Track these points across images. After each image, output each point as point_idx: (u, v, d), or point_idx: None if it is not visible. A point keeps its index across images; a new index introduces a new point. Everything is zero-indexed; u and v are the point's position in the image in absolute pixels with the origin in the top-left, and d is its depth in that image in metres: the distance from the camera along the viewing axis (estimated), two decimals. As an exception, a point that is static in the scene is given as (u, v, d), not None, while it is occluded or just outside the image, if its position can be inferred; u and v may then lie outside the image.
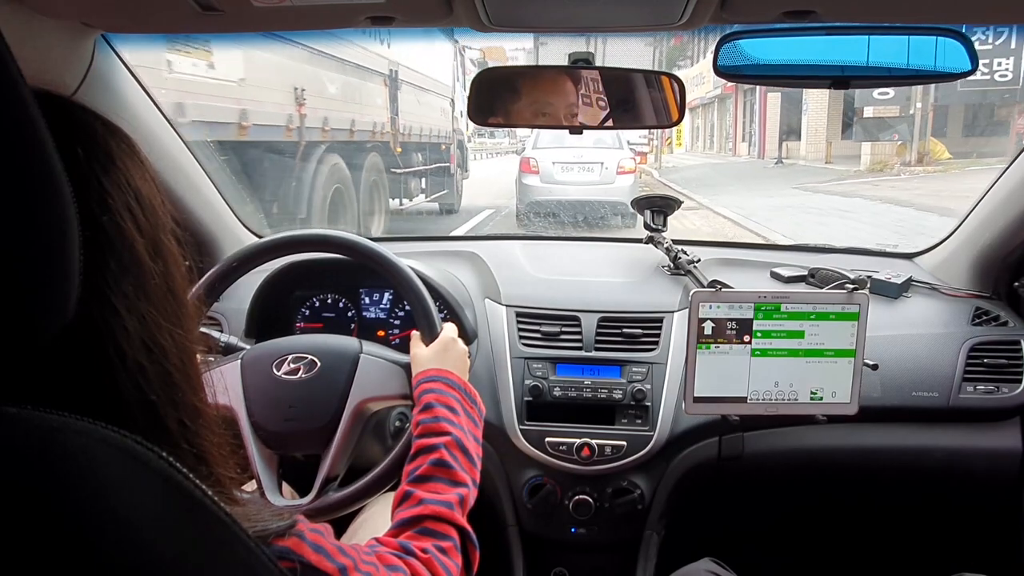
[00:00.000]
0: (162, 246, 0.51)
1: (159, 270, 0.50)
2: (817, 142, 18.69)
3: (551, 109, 1.15)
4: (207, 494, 0.43)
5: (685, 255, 1.58)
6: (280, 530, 0.52)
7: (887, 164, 14.95)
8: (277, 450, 1.07)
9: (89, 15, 1.04)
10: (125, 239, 0.47)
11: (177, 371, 0.50)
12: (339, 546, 0.58)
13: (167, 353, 0.49)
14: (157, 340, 0.48)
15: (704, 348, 1.20)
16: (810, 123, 19.25)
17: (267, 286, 1.43)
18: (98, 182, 0.47)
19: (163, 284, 0.50)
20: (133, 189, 0.49)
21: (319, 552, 0.54)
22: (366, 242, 1.16)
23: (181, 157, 1.43)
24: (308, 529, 0.55)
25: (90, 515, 0.38)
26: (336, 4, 0.92)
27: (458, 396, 0.98)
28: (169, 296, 0.50)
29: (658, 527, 1.39)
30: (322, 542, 0.56)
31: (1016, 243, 1.46)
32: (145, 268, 0.48)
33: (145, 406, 0.47)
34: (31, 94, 0.38)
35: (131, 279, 0.47)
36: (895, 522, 1.64)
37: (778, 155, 19.11)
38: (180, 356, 0.50)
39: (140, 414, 0.47)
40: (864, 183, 13.28)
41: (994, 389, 1.38)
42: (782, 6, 0.91)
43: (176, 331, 0.50)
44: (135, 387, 0.47)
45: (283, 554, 0.51)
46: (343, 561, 0.56)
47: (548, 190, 8.22)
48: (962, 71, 1.01)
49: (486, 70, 1.14)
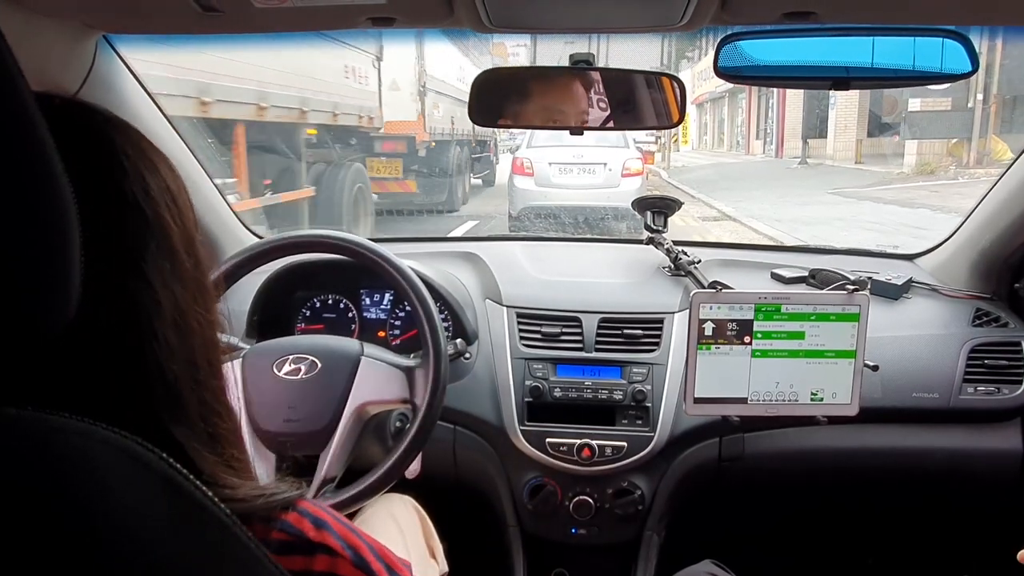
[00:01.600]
0: (194, 244, 0.53)
1: (191, 262, 0.52)
2: (846, 140, 16.52)
3: (552, 110, 1.16)
4: (207, 495, 0.43)
5: (685, 256, 1.58)
6: (285, 502, 0.52)
7: (938, 165, 12.87)
8: (275, 451, 1.07)
9: (90, 16, 1.04)
10: (163, 225, 0.50)
11: (200, 353, 0.51)
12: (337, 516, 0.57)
13: (193, 333, 0.51)
14: (186, 319, 0.50)
15: (704, 349, 1.20)
16: (838, 118, 16.82)
17: (268, 287, 1.43)
18: (140, 175, 0.50)
19: (194, 274, 0.52)
20: (170, 192, 0.52)
21: (319, 527, 0.54)
22: (368, 243, 1.16)
23: (182, 158, 1.44)
24: (310, 502, 0.55)
25: (90, 516, 0.38)
26: (337, 5, 0.93)
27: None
28: (199, 285, 0.53)
29: (658, 528, 1.39)
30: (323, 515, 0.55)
31: (1017, 244, 1.46)
32: (179, 254, 0.51)
33: (168, 382, 0.48)
34: (32, 95, 0.38)
35: (168, 260, 0.50)
36: (896, 523, 1.64)
37: (801, 154, 16.86)
38: (204, 339, 0.52)
39: (163, 390, 0.48)
40: (918, 188, 10.91)
41: (994, 390, 1.38)
42: (782, 7, 0.91)
43: (204, 316, 0.52)
44: (163, 361, 0.48)
45: (284, 528, 0.52)
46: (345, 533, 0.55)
47: (544, 194, 7.19)
48: (962, 72, 1.01)
49: (487, 71, 1.14)
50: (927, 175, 12.35)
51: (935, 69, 1.01)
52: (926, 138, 13.16)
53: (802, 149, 16.96)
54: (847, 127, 16.64)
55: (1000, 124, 12.67)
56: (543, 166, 7.36)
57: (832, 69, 1.03)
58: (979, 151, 12.46)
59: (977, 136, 12.51)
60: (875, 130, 16.18)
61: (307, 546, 0.52)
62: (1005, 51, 11.69)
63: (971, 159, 12.52)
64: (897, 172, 13.16)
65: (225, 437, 0.53)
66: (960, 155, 12.78)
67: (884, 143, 15.54)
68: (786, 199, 10.95)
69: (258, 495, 0.50)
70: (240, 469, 0.52)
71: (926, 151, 13.23)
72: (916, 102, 13.09)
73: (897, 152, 13.98)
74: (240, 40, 3.98)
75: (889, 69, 1.02)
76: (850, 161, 15.67)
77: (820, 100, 16.91)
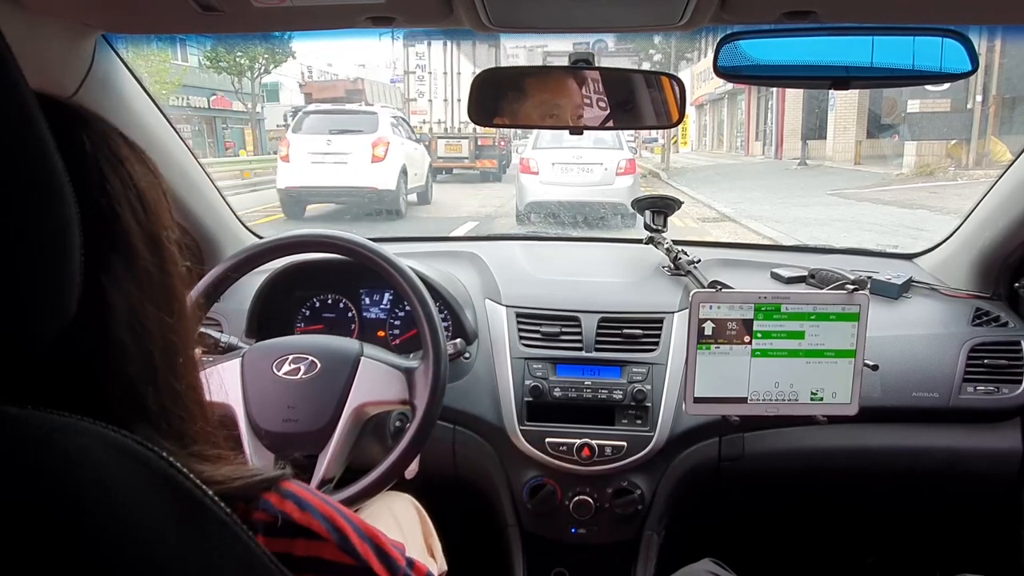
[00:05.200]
0: (161, 244, 0.51)
1: (155, 262, 0.50)
2: (845, 141, 16.56)
3: (551, 109, 1.15)
4: (207, 494, 0.43)
5: (685, 255, 1.58)
6: (266, 482, 0.51)
7: (937, 166, 12.77)
8: (274, 450, 1.07)
9: (89, 15, 1.04)
10: (120, 224, 0.48)
11: (160, 355, 0.50)
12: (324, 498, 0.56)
13: (150, 335, 0.49)
14: (141, 321, 0.48)
15: (704, 348, 1.20)
16: (837, 120, 16.88)
17: (267, 286, 1.43)
18: (100, 171, 0.47)
19: (157, 275, 0.50)
20: (136, 188, 0.50)
21: (304, 508, 0.53)
22: (368, 243, 1.16)
23: (182, 158, 1.44)
24: (294, 483, 0.54)
25: (90, 515, 0.38)
26: (336, 4, 0.93)
27: None
28: (162, 288, 0.51)
29: (658, 527, 1.39)
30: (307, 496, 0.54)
31: (1016, 243, 1.46)
32: (137, 252, 0.49)
33: (122, 383, 0.47)
34: (32, 95, 0.38)
35: (120, 258, 0.48)
36: (895, 523, 1.64)
37: (801, 155, 16.87)
38: (164, 341, 0.50)
39: (119, 391, 0.47)
40: (917, 189, 10.86)
41: (994, 390, 1.38)
42: (782, 7, 0.91)
43: (166, 320, 0.50)
44: (114, 362, 0.47)
45: (266, 508, 0.51)
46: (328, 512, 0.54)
47: (547, 191, 8.27)
48: (962, 72, 1.01)
49: (486, 70, 1.14)
50: (926, 176, 12.31)
51: (935, 69, 1.01)
52: (925, 139, 13.09)
53: (802, 150, 16.90)
54: (847, 128, 16.61)
55: (999, 125, 12.62)
56: (547, 166, 8.38)
57: (832, 69, 1.02)
58: (978, 152, 12.45)
59: (976, 137, 12.48)
60: (875, 131, 16.14)
61: (290, 528, 0.52)
62: (1004, 51, 11.59)
63: (970, 160, 12.51)
64: (896, 173, 13.04)
65: (194, 437, 0.51)
66: (959, 156, 12.74)
67: (883, 144, 15.55)
68: (787, 201, 10.83)
69: (237, 476, 0.49)
70: (214, 460, 0.51)
71: (925, 152, 13.15)
72: (915, 103, 12.99)
73: (897, 153, 13.95)
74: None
75: (889, 69, 1.02)
76: (849, 162, 15.65)
77: (820, 101, 16.90)
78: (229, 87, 22.48)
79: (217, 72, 21.36)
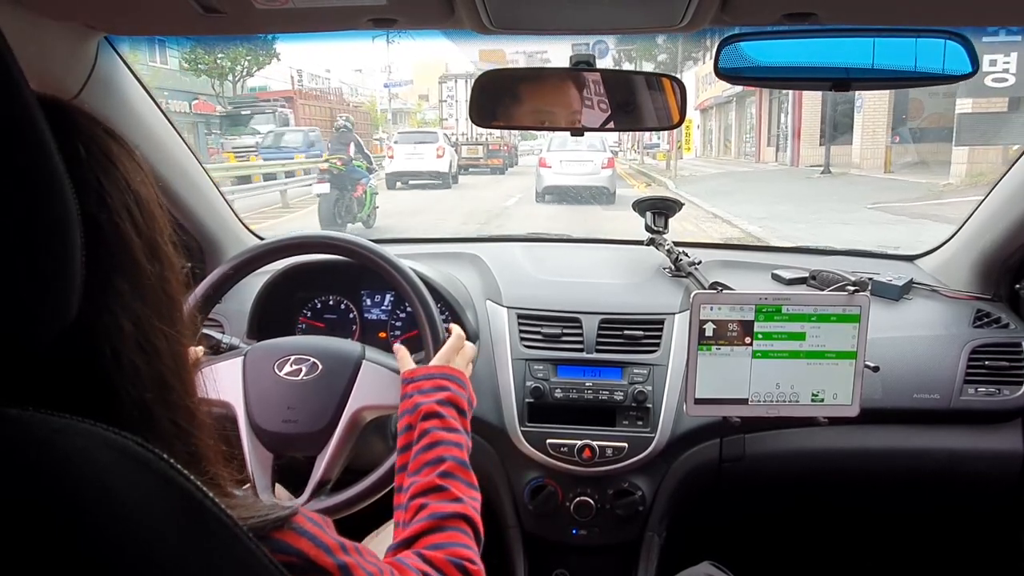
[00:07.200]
0: (159, 249, 0.51)
1: (155, 272, 0.49)
2: (875, 146, 14.71)
3: (553, 111, 1.15)
4: (207, 495, 0.43)
5: (686, 257, 1.58)
6: (278, 521, 0.51)
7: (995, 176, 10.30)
8: (272, 450, 1.07)
9: (92, 17, 1.04)
10: (122, 238, 0.47)
11: (170, 372, 0.50)
12: (341, 542, 0.57)
13: (161, 354, 0.49)
14: (151, 340, 0.48)
15: (705, 350, 1.20)
16: (865, 122, 14.93)
17: (269, 287, 1.43)
18: (97, 181, 0.47)
19: (158, 285, 0.50)
20: (132, 191, 0.49)
21: (318, 547, 0.54)
22: (369, 244, 1.16)
23: (183, 159, 1.44)
24: (307, 520, 0.55)
25: (90, 516, 0.38)
26: (338, 6, 0.93)
27: (468, 397, 0.99)
28: (164, 297, 0.50)
29: (659, 529, 1.39)
30: (322, 536, 0.55)
31: (1017, 245, 1.46)
32: (141, 268, 0.48)
33: (139, 405, 0.47)
34: (34, 96, 0.38)
35: (126, 278, 0.47)
36: (896, 524, 1.63)
37: (824, 162, 14.81)
38: (173, 357, 0.50)
39: (135, 413, 0.47)
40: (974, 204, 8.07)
41: (995, 391, 1.38)
42: (783, 8, 0.92)
43: (170, 332, 0.50)
44: (129, 386, 0.47)
45: (280, 548, 0.51)
46: (344, 559, 0.56)
47: (556, 178, 12.60)
48: (962, 73, 1.01)
49: (487, 72, 1.14)
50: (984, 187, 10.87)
51: (936, 70, 1.01)
52: (978, 144, 11.13)
53: (825, 156, 15.12)
54: (876, 131, 14.96)
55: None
56: (556, 162, 12.70)
57: (832, 70, 1.03)
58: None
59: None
60: (905, 135, 14.47)
61: (307, 566, 0.52)
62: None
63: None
64: (944, 183, 11.27)
65: (206, 455, 0.51)
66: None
67: (921, 150, 13.77)
68: (821, 216, 9.41)
69: (250, 516, 0.48)
70: (224, 487, 0.51)
71: (979, 159, 11.24)
72: (967, 103, 10.98)
73: (937, 159, 12.41)
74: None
75: (890, 70, 1.02)
76: (879, 170, 14.12)
77: (842, 103, 15.21)
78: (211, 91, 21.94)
79: (196, 75, 21.07)
